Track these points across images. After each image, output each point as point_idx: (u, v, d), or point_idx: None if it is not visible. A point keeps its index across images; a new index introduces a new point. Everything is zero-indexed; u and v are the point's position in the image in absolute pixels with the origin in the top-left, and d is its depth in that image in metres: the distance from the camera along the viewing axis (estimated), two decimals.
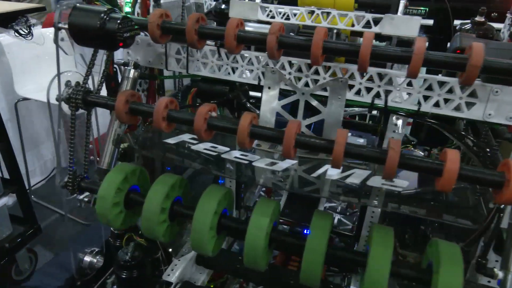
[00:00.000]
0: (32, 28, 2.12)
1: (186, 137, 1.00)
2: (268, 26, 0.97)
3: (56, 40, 0.86)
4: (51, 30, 2.67)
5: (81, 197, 1.04)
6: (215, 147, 0.97)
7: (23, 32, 2.09)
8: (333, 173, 0.87)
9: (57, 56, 0.88)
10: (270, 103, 1.00)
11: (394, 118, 0.99)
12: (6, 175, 2.03)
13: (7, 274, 2.15)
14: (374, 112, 1.34)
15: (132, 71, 1.07)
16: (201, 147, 0.96)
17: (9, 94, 2.59)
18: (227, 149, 0.96)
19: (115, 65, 1.09)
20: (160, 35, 0.92)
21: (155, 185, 0.89)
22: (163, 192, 0.88)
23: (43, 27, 2.63)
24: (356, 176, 0.86)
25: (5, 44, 2.45)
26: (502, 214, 0.85)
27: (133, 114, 0.90)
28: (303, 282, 0.80)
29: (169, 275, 1.13)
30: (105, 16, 0.84)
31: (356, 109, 1.07)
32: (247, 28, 0.94)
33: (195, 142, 0.98)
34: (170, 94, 1.31)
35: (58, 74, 0.89)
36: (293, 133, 0.76)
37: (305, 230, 1.38)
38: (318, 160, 0.99)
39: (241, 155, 0.96)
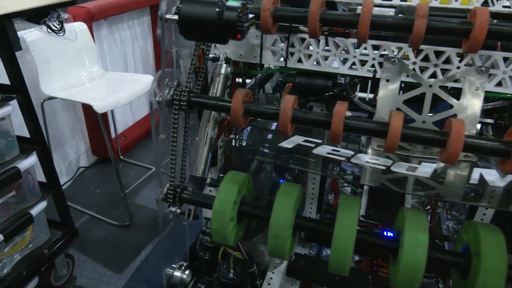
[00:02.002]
0: (64, 23, 1.99)
1: (299, 139, 0.89)
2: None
3: (162, 34, 0.74)
4: (77, 25, 2.53)
5: (173, 209, 0.93)
6: (338, 150, 0.86)
7: (55, 28, 1.95)
8: (494, 178, 0.77)
9: (163, 52, 0.76)
10: (389, 98, 0.89)
11: None
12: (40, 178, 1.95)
13: (47, 281, 2.08)
14: None
15: (224, 66, 0.95)
16: (323, 151, 0.86)
17: (34, 93, 2.47)
18: (351, 152, 0.86)
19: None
20: (272, 23, 0.81)
21: (280, 196, 0.79)
22: (291, 205, 0.77)
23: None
24: None
25: (29, 41, 2.32)
26: None
27: (249, 116, 0.79)
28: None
29: None
30: (222, 5, 0.72)
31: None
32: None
33: (312, 145, 0.87)
34: (248, 87, 1.19)
35: (163, 72, 0.78)
36: (461, 135, 0.65)
37: (385, 232, 1.28)
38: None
39: (371, 158, 0.85)
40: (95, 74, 2.70)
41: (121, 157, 3.36)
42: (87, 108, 3.01)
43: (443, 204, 1.46)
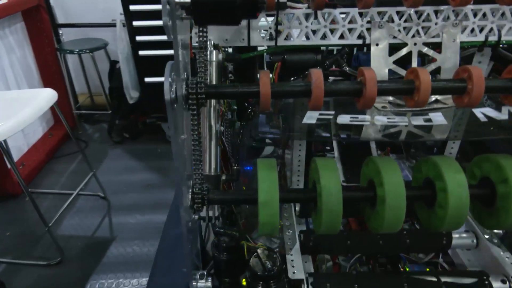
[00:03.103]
0: None
1: (315, 114, 0.88)
2: None
3: (173, 22, 0.64)
4: None
5: (196, 216, 0.85)
6: (356, 117, 0.88)
7: None
8: (495, 114, 0.87)
9: (175, 43, 0.66)
10: (380, 60, 0.94)
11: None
12: None
13: None
14: None
15: (215, 52, 0.88)
16: (344, 120, 0.86)
17: None
18: (368, 117, 0.88)
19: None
20: None
21: (324, 171, 0.77)
22: (338, 178, 0.77)
23: None
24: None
25: None
26: None
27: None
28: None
29: (294, 272, 1.01)
30: None
31: None
32: None
33: (330, 117, 0.87)
34: None
35: (176, 66, 0.68)
36: (482, 79, 0.73)
37: None
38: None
39: (389, 118, 0.89)
40: None
41: None
42: None
43: (403, 156, 1.61)
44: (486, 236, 1.11)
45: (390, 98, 0.95)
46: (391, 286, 1.00)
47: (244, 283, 1.03)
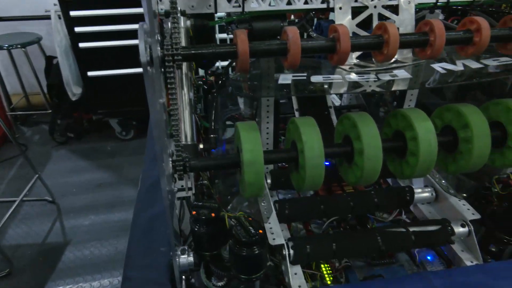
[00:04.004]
0: None
1: (289, 76, 0.88)
2: None
3: None
4: None
5: (176, 188, 0.83)
6: (329, 77, 0.90)
7: None
8: (452, 67, 0.93)
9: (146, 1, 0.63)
10: (344, 23, 0.97)
11: None
12: None
13: None
14: None
15: (183, 18, 0.86)
16: (318, 79, 0.88)
17: None
18: (339, 77, 0.91)
19: None
20: None
21: (303, 127, 0.79)
22: (319, 133, 0.79)
23: None
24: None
25: None
26: None
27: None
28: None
29: (274, 239, 1.02)
30: None
31: None
32: None
33: (304, 77, 0.88)
34: None
35: (151, 27, 0.65)
36: (443, 31, 0.78)
37: None
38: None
39: (358, 76, 0.92)
40: None
41: None
42: None
43: None
44: (443, 189, 1.20)
45: (355, 61, 0.99)
46: (366, 241, 1.04)
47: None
